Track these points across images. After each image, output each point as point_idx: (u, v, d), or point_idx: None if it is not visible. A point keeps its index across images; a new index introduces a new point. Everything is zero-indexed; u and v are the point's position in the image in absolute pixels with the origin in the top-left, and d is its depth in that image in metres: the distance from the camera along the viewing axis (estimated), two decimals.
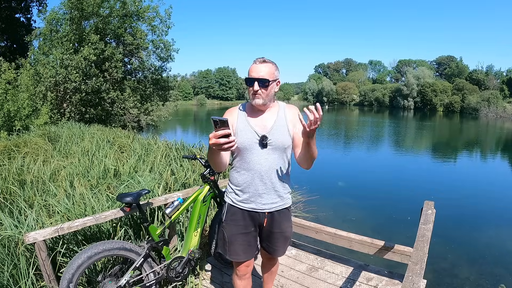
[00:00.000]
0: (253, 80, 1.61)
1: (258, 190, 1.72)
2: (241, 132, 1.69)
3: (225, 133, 1.30)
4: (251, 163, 1.70)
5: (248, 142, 1.67)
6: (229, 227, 1.80)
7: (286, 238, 1.88)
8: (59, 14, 12.29)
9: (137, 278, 2.20)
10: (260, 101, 1.65)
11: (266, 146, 1.68)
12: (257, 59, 1.65)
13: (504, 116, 41.86)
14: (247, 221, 1.78)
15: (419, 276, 1.44)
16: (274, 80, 1.66)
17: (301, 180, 5.41)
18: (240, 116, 1.73)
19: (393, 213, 6.41)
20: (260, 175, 1.70)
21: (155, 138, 7.95)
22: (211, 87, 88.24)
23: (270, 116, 1.73)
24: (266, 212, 1.77)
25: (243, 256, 1.81)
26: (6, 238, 2.37)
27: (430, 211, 2.25)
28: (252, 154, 1.69)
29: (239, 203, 1.77)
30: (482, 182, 9.66)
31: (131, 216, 2.91)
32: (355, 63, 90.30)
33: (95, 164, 4.48)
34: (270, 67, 1.64)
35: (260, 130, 1.69)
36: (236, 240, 1.79)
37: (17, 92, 9.99)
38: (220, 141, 1.30)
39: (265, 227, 1.81)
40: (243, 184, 1.74)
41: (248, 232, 1.79)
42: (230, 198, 1.81)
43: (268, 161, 1.70)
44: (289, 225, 1.89)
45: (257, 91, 1.62)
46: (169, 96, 16.55)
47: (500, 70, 58.26)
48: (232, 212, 1.80)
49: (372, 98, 66.78)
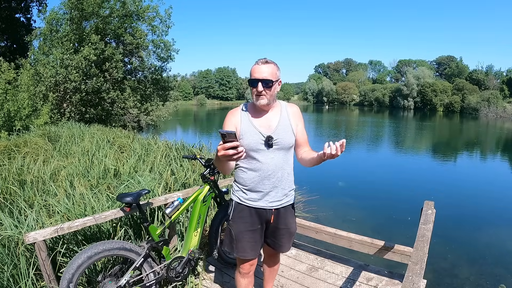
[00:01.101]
0: (257, 81, 1.63)
1: (265, 189, 1.76)
2: (246, 134, 1.70)
3: (233, 146, 1.33)
4: (257, 163, 1.73)
5: (254, 143, 1.70)
6: (236, 225, 1.82)
7: (291, 234, 1.92)
8: (59, 14, 12.30)
9: (137, 278, 2.20)
10: (265, 102, 1.67)
11: (272, 146, 1.71)
12: (259, 60, 1.67)
13: (504, 116, 41.87)
14: (254, 218, 1.81)
15: (419, 276, 1.44)
16: (277, 80, 1.69)
17: (301, 180, 5.38)
18: (244, 118, 1.74)
19: (393, 213, 6.41)
20: (266, 174, 1.73)
21: (155, 138, 7.94)
22: (211, 87, 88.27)
23: (274, 116, 1.76)
24: (273, 209, 1.80)
25: (250, 254, 1.84)
26: (6, 238, 2.36)
27: (430, 211, 2.25)
28: (258, 154, 1.71)
29: (246, 201, 1.80)
30: (482, 182, 9.66)
31: (131, 216, 2.90)
32: (355, 63, 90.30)
33: (95, 164, 4.48)
34: (272, 68, 1.66)
35: (265, 131, 1.71)
36: (244, 237, 1.81)
37: (17, 92, 9.98)
38: (228, 153, 1.33)
39: (272, 223, 1.84)
40: (250, 184, 1.77)
41: (255, 229, 1.82)
42: (237, 196, 1.84)
43: (274, 160, 1.73)
44: (294, 221, 1.94)
45: (261, 92, 1.64)
46: (169, 96, 16.55)
47: (500, 70, 58.37)
48: (239, 210, 1.82)
49: (372, 98, 66.80)
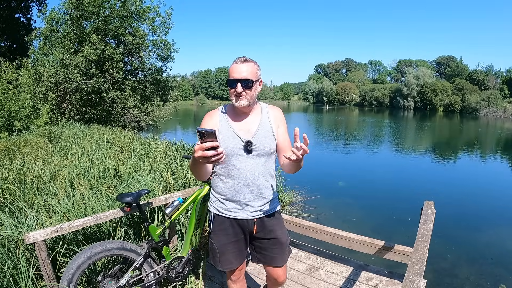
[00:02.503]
0: (236, 81, 1.52)
1: (245, 199, 1.64)
2: (224, 137, 1.59)
3: (213, 146, 1.22)
4: (236, 170, 1.61)
5: (232, 148, 1.58)
6: (217, 238, 1.72)
7: (282, 244, 1.75)
8: (59, 14, 12.30)
9: (137, 278, 2.20)
10: (245, 103, 1.55)
11: (251, 152, 1.59)
12: (238, 59, 1.56)
13: (504, 116, 41.86)
14: (236, 229, 1.70)
15: (419, 276, 1.44)
16: (257, 80, 1.58)
17: (301, 180, 5.41)
18: (222, 120, 1.63)
19: (393, 213, 6.41)
20: (246, 182, 1.62)
21: (155, 138, 7.94)
22: (211, 87, 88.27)
23: (254, 119, 1.65)
24: (255, 219, 1.69)
25: (235, 264, 1.75)
26: (6, 238, 2.36)
27: (430, 211, 2.25)
28: (236, 160, 1.60)
29: (225, 212, 1.69)
30: (482, 182, 9.65)
31: (131, 216, 2.91)
32: (355, 63, 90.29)
33: (95, 164, 4.48)
34: (252, 67, 1.55)
35: (244, 135, 1.60)
36: (227, 250, 1.71)
37: (18, 92, 9.98)
38: (207, 154, 1.21)
39: (257, 235, 1.72)
40: (228, 193, 1.65)
41: (238, 239, 1.72)
42: (216, 208, 1.72)
43: (253, 167, 1.61)
44: (283, 229, 1.78)
45: (241, 92, 1.53)
46: (169, 96, 16.55)
47: (500, 70, 58.34)
48: (219, 222, 1.71)
49: (372, 98, 66.77)
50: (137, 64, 14.58)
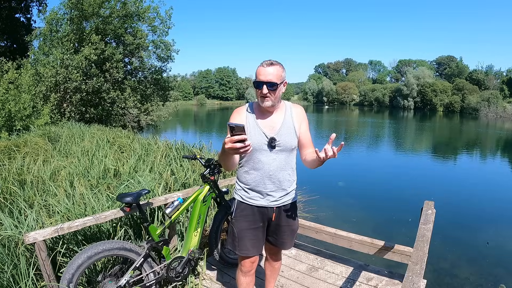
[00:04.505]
0: (262, 83, 1.64)
1: (266, 189, 1.79)
2: (250, 133, 1.73)
3: (241, 139, 1.33)
4: (259, 164, 1.76)
5: (257, 143, 1.72)
6: (238, 223, 1.85)
7: (293, 231, 1.95)
8: (59, 14, 12.30)
9: (137, 278, 2.20)
10: (270, 104, 1.69)
11: (275, 147, 1.73)
12: (264, 62, 1.67)
13: (504, 116, 41.86)
14: (257, 216, 1.84)
15: (419, 276, 1.44)
16: (282, 82, 1.69)
17: (301, 180, 5.37)
18: (249, 118, 1.77)
19: (393, 213, 6.41)
20: (268, 175, 1.76)
21: (155, 138, 7.94)
22: (211, 87, 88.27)
23: (278, 117, 1.78)
24: (275, 207, 1.83)
25: (251, 251, 1.86)
26: (6, 238, 2.37)
27: (430, 211, 2.25)
28: (261, 155, 1.74)
29: (248, 200, 1.83)
30: (482, 182, 9.66)
31: (131, 216, 2.91)
32: (355, 63, 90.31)
33: (95, 164, 4.48)
34: (277, 70, 1.66)
35: (269, 132, 1.74)
36: (246, 235, 1.84)
37: (19, 93, 9.97)
38: (236, 146, 1.34)
39: (273, 221, 1.87)
40: (252, 183, 1.80)
41: (257, 227, 1.85)
42: (240, 195, 1.87)
43: (276, 161, 1.76)
44: (296, 218, 1.95)
45: (266, 94, 1.65)
46: (169, 96, 16.55)
47: (500, 70, 58.26)
48: (242, 208, 1.85)
49: (372, 98, 66.81)
50: (137, 64, 14.59)
